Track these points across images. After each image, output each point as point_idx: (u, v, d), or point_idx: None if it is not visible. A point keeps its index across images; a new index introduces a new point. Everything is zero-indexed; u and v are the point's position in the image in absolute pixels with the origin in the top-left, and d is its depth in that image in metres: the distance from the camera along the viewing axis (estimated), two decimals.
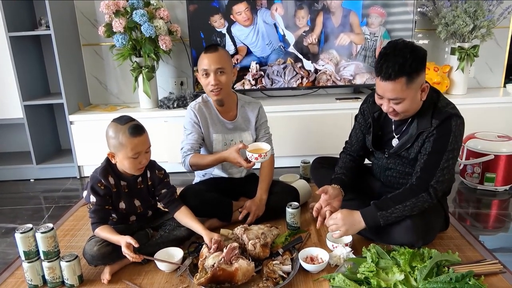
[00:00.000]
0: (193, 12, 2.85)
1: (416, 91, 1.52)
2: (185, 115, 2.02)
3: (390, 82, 1.48)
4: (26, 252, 1.54)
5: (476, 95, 3.00)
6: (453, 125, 1.54)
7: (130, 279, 1.62)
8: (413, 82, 1.49)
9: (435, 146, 1.56)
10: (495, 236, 2.02)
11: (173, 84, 3.21)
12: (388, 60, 1.47)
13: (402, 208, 1.56)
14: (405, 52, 1.47)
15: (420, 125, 1.60)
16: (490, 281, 1.50)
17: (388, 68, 1.47)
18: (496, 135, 2.50)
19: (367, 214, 1.59)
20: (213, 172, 2.12)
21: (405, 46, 1.49)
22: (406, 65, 1.45)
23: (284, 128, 2.84)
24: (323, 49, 2.96)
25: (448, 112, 1.56)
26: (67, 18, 2.93)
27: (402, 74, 1.46)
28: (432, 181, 1.56)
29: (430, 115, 1.58)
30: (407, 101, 1.53)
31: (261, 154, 1.74)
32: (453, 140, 1.54)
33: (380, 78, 1.51)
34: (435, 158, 1.56)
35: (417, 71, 1.48)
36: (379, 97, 1.58)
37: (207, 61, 1.87)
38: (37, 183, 2.94)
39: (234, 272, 1.47)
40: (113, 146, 1.60)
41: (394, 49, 1.49)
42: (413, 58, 1.46)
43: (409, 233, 1.58)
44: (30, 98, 2.85)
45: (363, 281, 1.47)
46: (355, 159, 1.90)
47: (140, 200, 1.75)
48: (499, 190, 2.44)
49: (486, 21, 2.79)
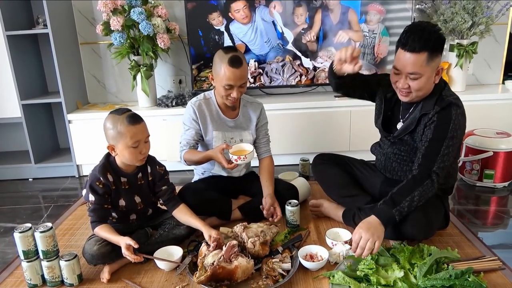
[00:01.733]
0: (191, 10, 2.84)
1: (432, 71, 1.58)
2: (185, 111, 2.03)
3: (414, 54, 1.53)
4: (25, 251, 1.54)
5: (474, 92, 3.00)
6: (453, 114, 1.58)
7: (129, 278, 1.62)
8: (432, 61, 1.55)
9: (435, 133, 1.60)
10: (494, 233, 2.02)
11: (171, 82, 3.20)
12: (414, 33, 1.53)
13: (411, 199, 1.54)
14: (431, 31, 1.54)
15: (423, 107, 1.65)
16: (489, 277, 1.51)
17: (414, 41, 1.52)
18: (495, 132, 2.50)
19: (382, 215, 1.53)
20: (212, 170, 2.12)
21: (431, 25, 1.57)
22: (431, 41, 1.52)
23: (283, 126, 2.84)
24: (321, 47, 2.95)
25: (449, 101, 1.60)
26: (64, 16, 2.92)
27: (426, 48, 1.52)
28: (434, 167, 1.58)
29: (434, 101, 1.63)
30: (423, 79, 1.57)
31: (240, 156, 1.75)
32: (453, 127, 1.58)
33: (404, 49, 1.55)
34: (436, 145, 1.59)
35: (438, 50, 1.55)
36: (397, 73, 1.62)
37: (233, 77, 1.81)
38: (35, 182, 2.94)
39: (234, 270, 1.47)
40: (112, 137, 1.59)
41: (420, 25, 1.57)
42: (438, 36, 1.54)
43: (409, 227, 1.59)
44: (28, 97, 2.84)
45: (363, 279, 1.47)
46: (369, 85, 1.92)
47: (140, 196, 1.74)
48: (498, 186, 2.45)
49: (485, 18, 2.79)
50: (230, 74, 1.80)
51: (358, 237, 1.47)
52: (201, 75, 2.96)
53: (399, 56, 1.59)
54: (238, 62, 1.80)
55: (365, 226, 1.50)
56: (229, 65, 1.79)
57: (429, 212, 1.64)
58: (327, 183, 2.02)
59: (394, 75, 1.64)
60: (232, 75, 1.80)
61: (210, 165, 2.10)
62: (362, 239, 1.46)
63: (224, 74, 1.81)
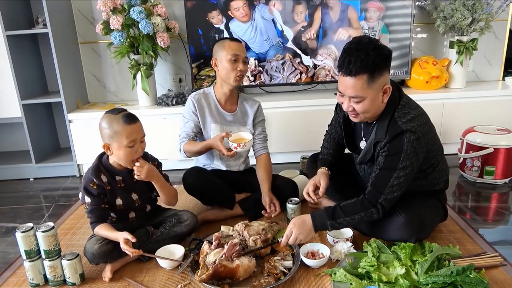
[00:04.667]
0: (190, 9, 2.84)
1: (377, 92, 1.48)
2: (185, 105, 2.09)
3: (351, 78, 1.45)
4: (27, 251, 1.54)
5: (475, 88, 3.00)
6: (405, 142, 1.48)
7: (131, 277, 1.62)
8: (374, 82, 1.45)
9: (386, 162, 1.53)
10: (495, 229, 2.03)
11: (171, 81, 3.20)
12: (350, 54, 1.44)
13: (351, 220, 1.57)
14: (369, 49, 1.43)
15: (377, 134, 1.58)
16: (490, 274, 1.51)
17: (350, 63, 1.43)
18: (495, 128, 2.50)
19: (318, 221, 1.60)
20: (212, 164, 2.14)
21: (369, 42, 1.46)
22: (368, 62, 1.42)
23: (283, 124, 2.84)
24: (321, 44, 2.95)
25: (401, 128, 1.49)
26: (64, 16, 2.92)
27: (364, 70, 1.43)
28: (380, 199, 1.54)
29: (387, 125, 1.54)
30: (367, 101, 1.49)
31: (240, 144, 1.81)
32: (405, 157, 1.49)
33: (341, 73, 1.48)
34: (385, 174, 1.53)
35: (379, 69, 1.44)
36: (340, 95, 1.54)
37: (238, 48, 1.94)
38: (36, 182, 2.94)
39: (236, 268, 1.48)
40: (107, 136, 1.59)
41: (358, 44, 1.45)
42: (376, 55, 1.43)
43: (402, 229, 1.58)
44: (28, 97, 2.84)
45: (364, 276, 1.47)
46: (339, 142, 1.93)
47: (137, 193, 1.74)
48: (499, 183, 2.45)
49: (485, 14, 2.79)
50: (234, 46, 1.93)
51: (289, 232, 1.60)
52: (201, 73, 2.96)
53: (339, 79, 1.51)
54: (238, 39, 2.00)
55: (299, 226, 1.60)
56: (230, 40, 1.96)
57: (423, 214, 1.61)
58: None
59: (339, 97, 1.57)
60: (236, 46, 1.93)
61: (210, 160, 2.12)
62: (292, 237, 1.59)
63: (229, 47, 1.92)
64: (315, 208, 2.06)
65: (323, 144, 1.98)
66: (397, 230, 1.59)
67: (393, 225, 1.60)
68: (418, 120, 1.52)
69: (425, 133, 1.52)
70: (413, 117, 1.52)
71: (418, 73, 2.96)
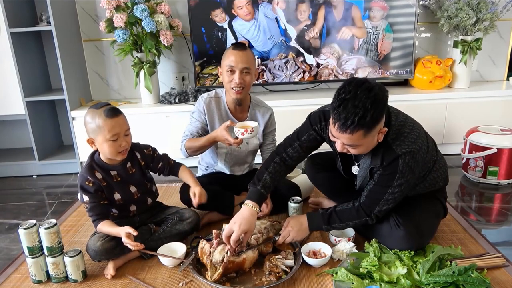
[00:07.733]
0: (194, 7, 2.83)
1: (373, 137, 1.43)
2: (195, 104, 2.03)
3: (348, 134, 1.37)
4: (30, 247, 1.55)
5: (479, 88, 2.99)
6: (400, 164, 1.46)
7: (133, 274, 1.63)
8: (370, 134, 1.39)
9: (381, 180, 1.53)
10: (498, 230, 2.02)
11: (174, 79, 3.20)
12: (346, 108, 1.33)
13: (345, 225, 1.64)
14: (367, 103, 1.32)
15: (372, 161, 1.55)
16: (493, 274, 1.50)
17: (347, 119, 1.33)
18: (499, 129, 2.49)
19: (314, 224, 1.65)
20: (215, 167, 2.12)
21: (368, 91, 1.33)
22: (366, 119, 1.32)
23: (286, 123, 2.81)
24: (324, 43, 2.94)
25: (396, 154, 1.46)
26: (68, 13, 2.92)
27: (362, 128, 1.35)
28: (374, 210, 1.56)
29: (381, 154, 1.50)
30: (363, 147, 1.45)
31: (247, 129, 1.75)
32: (400, 176, 1.48)
33: (336, 128, 1.37)
34: (380, 190, 1.54)
35: (377, 121, 1.38)
36: (334, 137, 1.46)
37: (234, 58, 1.85)
38: (39, 179, 2.95)
39: (243, 261, 1.54)
40: (91, 131, 1.60)
41: (355, 96, 1.33)
42: (375, 109, 1.33)
43: (403, 242, 1.59)
44: (31, 94, 2.85)
45: (366, 276, 1.47)
46: (291, 166, 1.76)
47: (135, 185, 1.74)
48: (502, 183, 2.44)
49: (489, 14, 2.77)
50: (232, 55, 1.86)
51: (286, 233, 1.65)
52: (204, 72, 2.96)
53: (333, 130, 1.41)
54: (241, 47, 1.90)
55: (296, 228, 1.65)
56: (232, 48, 1.89)
57: (421, 223, 1.61)
58: (318, 187, 2.06)
59: (332, 137, 1.47)
60: (234, 56, 1.85)
61: (213, 161, 2.10)
62: (289, 237, 1.64)
63: (227, 56, 1.88)
64: (315, 209, 2.06)
65: (268, 167, 1.68)
66: (397, 242, 1.60)
67: (393, 238, 1.60)
68: (411, 137, 1.49)
69: (419, 148, 1.49)
70: (405, 136, 1.48)
71: (422, 73, 2.95)
